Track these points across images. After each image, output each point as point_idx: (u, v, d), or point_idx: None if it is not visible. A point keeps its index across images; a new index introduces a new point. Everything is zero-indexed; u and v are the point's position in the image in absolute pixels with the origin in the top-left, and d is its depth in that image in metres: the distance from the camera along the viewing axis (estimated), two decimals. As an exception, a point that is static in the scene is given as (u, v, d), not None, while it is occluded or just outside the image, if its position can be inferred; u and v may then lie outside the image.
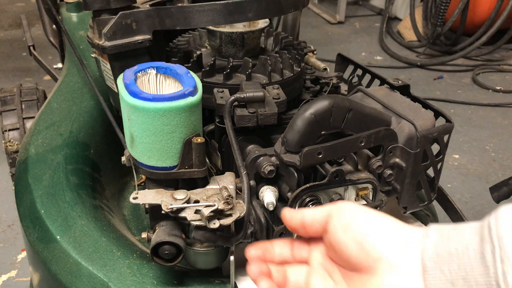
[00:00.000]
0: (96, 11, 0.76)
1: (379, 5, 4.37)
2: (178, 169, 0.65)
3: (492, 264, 0.35)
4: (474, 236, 0.38)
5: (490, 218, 0.37)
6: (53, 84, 1.40)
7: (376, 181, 0.69)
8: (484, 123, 2.48)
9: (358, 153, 0.71)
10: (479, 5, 3.12)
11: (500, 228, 0.36)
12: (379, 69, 3.10)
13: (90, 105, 1.08)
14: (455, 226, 0.40)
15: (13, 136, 1.45)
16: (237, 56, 0.84)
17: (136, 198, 0.64)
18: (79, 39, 1.35)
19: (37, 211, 0.81)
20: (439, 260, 0.39)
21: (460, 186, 1.96)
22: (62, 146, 0.95)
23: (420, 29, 3.47)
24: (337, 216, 0.46)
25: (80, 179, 0.89)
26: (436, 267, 0.39)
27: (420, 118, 0.72)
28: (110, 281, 0.69)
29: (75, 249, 0.74)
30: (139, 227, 0.95)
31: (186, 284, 0.70)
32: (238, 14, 0.75)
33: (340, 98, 0.65)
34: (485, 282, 0.36)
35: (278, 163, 0.66)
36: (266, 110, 0.70)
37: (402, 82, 0.83)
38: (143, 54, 0.79)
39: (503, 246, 0.35)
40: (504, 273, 0.35)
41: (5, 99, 1.51)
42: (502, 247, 0.35)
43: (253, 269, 0.49)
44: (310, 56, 1.04)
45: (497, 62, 3.22)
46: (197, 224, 0.62)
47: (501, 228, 0.36)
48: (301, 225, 0.49)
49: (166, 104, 0.60)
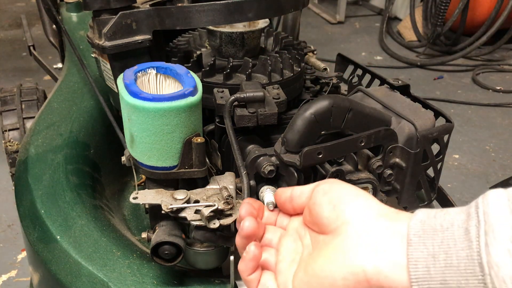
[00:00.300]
0: (96, 11, 0.76)
1: (379, 5, 4.37)
2: (178, 169, 0.65)
3: (476, 238, 0.36)
4: (460, 215, 0.38)
5: (478, 199, 0.38)
6: (53, 84, 1.40)
7: (376, 181, 0.69)
8: (484, 123, 2.48)
9: (358, 153, 0.71)
10: (479, 5, 3.12)
11: (487, 207, 0.36)
12: (379, 69, 3.10)
13: (90, 105, 1.08)
14: (442, 208, 0.41)
15: (13, 136, 1.45)
16: (237, 56, 0.84)
17: (136, 198, 0.64)
18: (79, 39, 1.35)
19: (37, 211, 0.81)
20: (424, 236, 0.39)
21: (460, 186, 1.96)
22: (62, 146, 0.95)
23: (420, 29, 3.47)
24: (322, 184, 0.49)
25: (80, 179, 0.89)
26: (419, 241, 0.38)
27: (420, 118, 0.72)
28: (110, 281, 0.69)
29: (75, 249, 0.74)
30: (139, 227, 0.95)
31: (186, 284, 0.70)
32: (238, 14, 0.75)
33: (340, 98, 0.65)
34: (466, 255, 0.36)
35: (278, 163, 0.66)
36: (266, 110, 0.70)
37: (402, 82, 0.83)
38: (143, 54, 0.79)
39: (488, 221, 0.35)
40: (487, 245, 0.35)
41: (5, 99, 1.51)
42: (487, 221, 0.35)
43: (244, 209, 0.52)
44: (310, 56, 1.04)
45: (497, 62, 3.22)
46: (197, 224, 0.62)
47: (488, 206, 0.36)
48: (290, 198, 0.52)
49: (166, 104, 0.60)
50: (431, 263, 0.37)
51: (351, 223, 0.44)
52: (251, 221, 0.50)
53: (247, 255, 0.49)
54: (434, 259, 0.37)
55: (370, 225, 0.43)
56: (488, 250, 0.34)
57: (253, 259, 0.49)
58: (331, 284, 0.43)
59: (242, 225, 0.50)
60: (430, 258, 0.37)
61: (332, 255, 0.44)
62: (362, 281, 0.41)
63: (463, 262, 0.36)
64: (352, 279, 0.41)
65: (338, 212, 0.45)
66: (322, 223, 0.46)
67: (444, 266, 0.37)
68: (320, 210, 0.47)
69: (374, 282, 0.40)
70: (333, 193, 0.47)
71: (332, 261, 0.43)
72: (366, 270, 0.41)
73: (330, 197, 0.47)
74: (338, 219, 0.45)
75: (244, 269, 0.50)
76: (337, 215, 0.45)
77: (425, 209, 0.42)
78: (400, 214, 0.43)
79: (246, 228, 0.50)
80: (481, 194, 0.38)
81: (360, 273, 0.41)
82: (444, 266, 0.37)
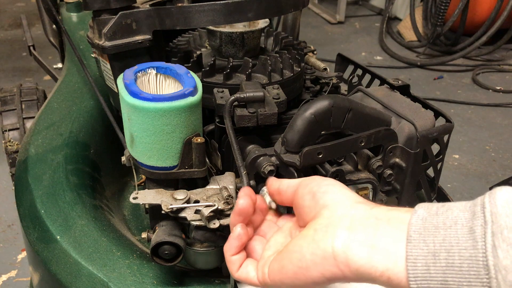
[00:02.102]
0: (96, 11, 0.76)
1: (379, 5, 4.37)
2: (178, 169, 0.65)
3: (481, 238, 0.34)
4: (464, 213, 0.36)
5: (484, 197, 0.36)
6: (53, 84, 1.40)
7: (376, 181, 0.69)
8: (484, 123, 2.47)
9: (358, 153, 0.71)
10: (479, 5, 3.12)
11: (494, 206, 0.35)
12: (379, 69, 3.09)
13: (90, 105, 1.08)
14: (444, 203, 0.39)
15: (13, 136, 1.45)
16: (237, 56, 0.84)
17: (136, 198, 0.64)
18: (79, 39, 1.35)
19: (37, 211, 0.81)
20: (424, 233, 0.37)
21: (460, 186, 1.96)
22: (62, 146, 0.95)
23: (420, 29, 3.47)
24: (304, 180, 0.50)
25: (80, 179, 0.89)
26: (419, 238, 0.37)
27: (420, 118, 0.72)
28: (110, 281, 0.69)
29: (75, 249, 0.74)
30: (139, 227, 0.95)
31: (186, 284, 0.70)
32: (238, 14, 0.74)
33: (340, 98, 0.65)
34: (470, 255, 0.34)
35: (278, 163, 0.66)
36: (266, 110, 0.70)
37: (402, 82, 0.83)
38: (143, 54, 0.79)
39: (496, 221, 0.34)
40: (494, 246, 0.33)
41: (5, 99, 1.51)
42: (495, 221, 0.34)
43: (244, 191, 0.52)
44: (310, 56, 1.04)
45: (497, 62, 3.22)
46: (197, 224, 0.62)
47: (495, 206, 0.35)
48: (277, 191, 0.53)
49: (166, 104, 0.60)
50: (431, 262, 0.36)
51: (328, 206, 0.45)
52: (246, 199, 0.50)
53: (232, 234, 0.50)
54: (434, 258, 0.36)
55: (346, 208, 0.43)
56: (496, 253, 0.33)
57: (237, 239, 0.50)
58: (299, 259, 0.43)
59: (237, 202, 0.51)
60: (430, 256, 0.36)
61: (304, 233, 0.44)
62: (329, 257, 0.41)
63: (466, 262, 0.34)
64: (319, 254, 0.41)
65: (316, 199, 0.46)
66: (305, 213, 0.47)
67: (445, 265, 0.35)
68: (302, 201, 0.48)
69: (341, 259, 0.40)
70: (313, 184, 0.48)
71: (303, 237, 0.44)
72: (334, 246, 0.40)
73: (310, 187, 0.48)
74: (317, 205, 0.46)
75: (228, 248, 0.50)
76: (315, 202, 0.46)
77: (426, 204, 0.40)
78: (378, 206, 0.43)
79: (240, 205, 0.50)
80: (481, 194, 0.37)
81: (327, 249, 0.41)
82: (445, 265, 0.35)
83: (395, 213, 0.41)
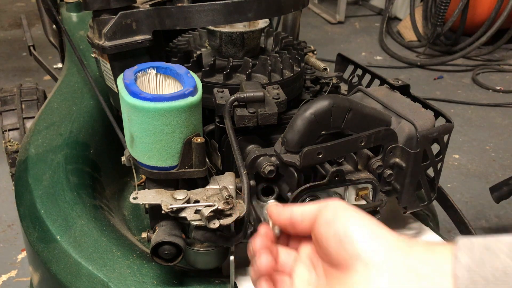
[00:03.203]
0: (96, 11, 0.76)
1: (379, 5, 4.37)
2: (178, 169, 0.65)
3: None
4: None
5: None
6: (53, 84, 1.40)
7: (376, 181, 0.69)
8: (484, 123, 2.48)
9: (358, 153, 0.71)
10: (479, 5, 3.12)
11: None
12: (379, 69, 3.10)
13: (90, 105, 1.08)
14: (485, 243, 0.35)
15: (13, 136, 1.45)
16: (237, 56, 0.84)
17: (136, 198, 0.64)
18: (79, 39, 1.35)
19: (37, 211, 0.81)
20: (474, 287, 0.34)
21: (460, 186, 1.96)
22: (62, 146, 0.95)
23: (420, 29, 3.47)
24: (323, 211, 0.45)
25: (80, 179, 0.89)
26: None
27: (420, 118, 0.72)
28: (110, 281, 0.69)
29: (75, 249, 0.74)
30: (139, 227, 0.95)
31: (186, 284, 0.70)
32: (238, 14, 0.75)
33: (340, 98, 0.65)
34: None
35: (278, 163, 0.66)
36: (266, 110, 0.70)
37: (402, 82, 0.83)
38: (143, 54, 0.79)
39: None
40: None
41: (5, 99, 1.52)
42: None
43: (259, 241, 0.49)
44: (310, 56, 1.04)
45: (497, 62, 3.22)
46: (197, 224, 0.62)
47: None
48: (290, 222, 0.48)
49: (166, 104, 0.60)
50: None
51: (360, 258, 0.40)
52: (266, 258, 0.47)
53: None
54: None
55: (381, 260, 0.39)
56: None
57: None
58: None
59: (257, 261, 0.47)
60: None
61: None
62: None
63: None
64: None
65: (345, 247, 0.41)
66: (331, 258, 0.43)
67: None
68: (327, 244, 0.43)
69: None
70: (337, 225, 0.43)
71: None
72: None
73: (335, 229, 0.43)
74: (346, 253, 0.41)
75: None
76: (344, 249, 0.41)
77: (464, 244, 0.36)
78: (415, 247, 0.39)
79: (260, 265, 0.46)
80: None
81: None
82: None
83: (436, 261, 0.37)
